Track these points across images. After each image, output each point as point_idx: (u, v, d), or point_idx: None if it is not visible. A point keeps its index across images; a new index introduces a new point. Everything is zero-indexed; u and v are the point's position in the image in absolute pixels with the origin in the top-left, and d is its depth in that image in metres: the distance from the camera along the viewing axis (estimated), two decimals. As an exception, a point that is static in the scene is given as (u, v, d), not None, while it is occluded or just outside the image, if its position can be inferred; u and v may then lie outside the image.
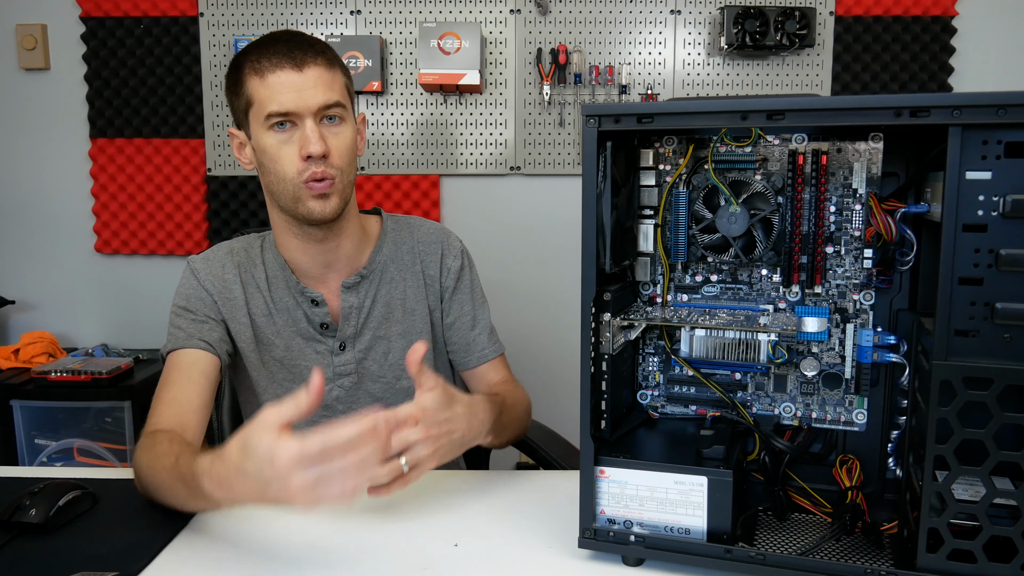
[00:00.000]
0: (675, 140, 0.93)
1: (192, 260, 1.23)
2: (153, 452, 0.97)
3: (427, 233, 1.29)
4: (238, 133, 1.17)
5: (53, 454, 2.18)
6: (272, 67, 1.08)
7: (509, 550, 0.90)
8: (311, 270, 1.21)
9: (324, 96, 1.09)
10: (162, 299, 2.47)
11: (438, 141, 2.41)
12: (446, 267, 1.28)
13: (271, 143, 1.10)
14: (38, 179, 2.48)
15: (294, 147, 1.09)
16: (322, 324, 1.21)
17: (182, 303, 1.19)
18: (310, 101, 1.08)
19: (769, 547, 0.85)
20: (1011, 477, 0.72)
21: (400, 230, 1.29)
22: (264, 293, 1.21)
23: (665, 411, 1.00)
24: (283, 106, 1.07)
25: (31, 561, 0.86)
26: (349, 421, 0.77)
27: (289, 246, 1.20)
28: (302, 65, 1.09)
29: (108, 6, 2.37)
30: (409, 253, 1.27)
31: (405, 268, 1.26)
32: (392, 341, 1.25)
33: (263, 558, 0.88)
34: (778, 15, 2.20)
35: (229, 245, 1.25)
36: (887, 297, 0.90)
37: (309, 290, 1.20)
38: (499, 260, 2.43)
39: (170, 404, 1.08)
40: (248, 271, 1.22)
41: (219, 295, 1.19)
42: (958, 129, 0.69)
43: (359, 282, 1.22)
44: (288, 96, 1.07)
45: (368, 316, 1.23)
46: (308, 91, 1.08)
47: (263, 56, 1.09)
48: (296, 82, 1.08)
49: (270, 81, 1.08)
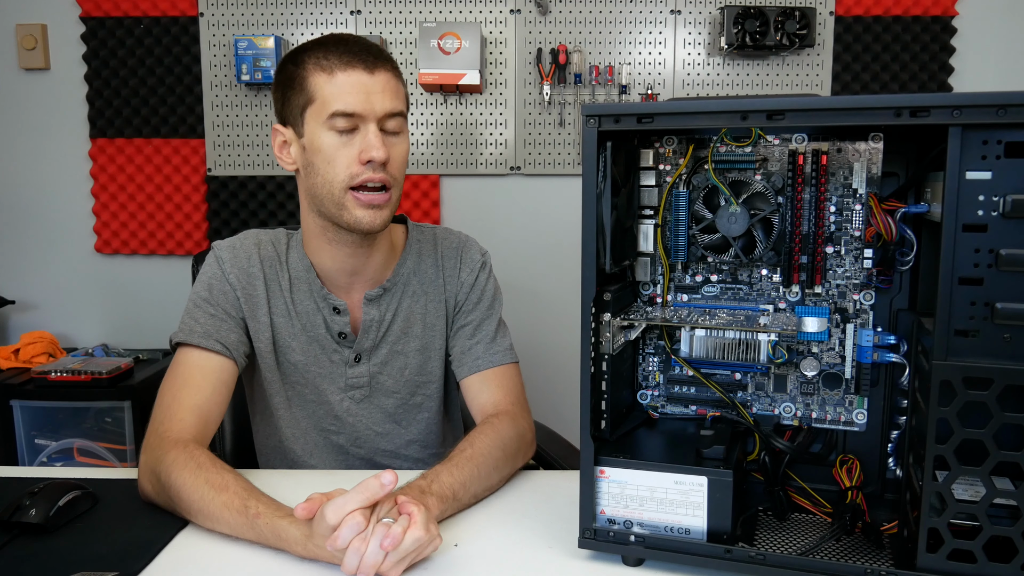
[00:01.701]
0: (675, 140, 0.93)
1: (218, 247, 1.19)
2: (199, 476, 0.94)
3: (449, 246, 1.27)
4: (283, 130, 1.13)
5: (53, 454, 2.18)
6: (343, 65, 1.06)
7: (509, 550, 0.90)
8: (337, 278, 1.19)
9: (391, 103, 1.08)
10: (162, 299, 2.48)
11: (438, 141, 2.41)
12: (461, 281, 1.25)
13: (329, 143, 1.07)
14: (38, 179, 2.48)
15: (352, 150, 1.07)
16: (340, 333, 1.19)
17: (204, 293, 1.15)
18: (377, 106, 1.07)
19: (769, 547, 0.85)
20: (1011, 477, 0.72)
21: (424, 241, 1.27)
22: (286, 294, 1.19)
23: (665, 411, 1.00)
24: (350, 106, 1.05)
25: (31, 561, 0.86)
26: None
27: (319, 252, 1.18)
28: (374, 68, 1.07)
29: (108, 6, 2.37)
30: (432, 267, 1.25)
31: (427, 282, 1.24)
32: (409, 357, 1.23)
33: (263, 558, 0.88)
34: (778, 15, 2.20)
35: (257, 236, 1.21)
36: (887, 297, 0.90)
37: (332, 297, 1.18)
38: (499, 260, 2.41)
39: (192, 411, 1.06)
40: (273, 268, 1.19)
41: (242, 290, 1.16)
42: (958, 129, 0.69)
43: (381, 295, 1.20)
44: (357, 97, 1.05)
45: (388, 330, 1.22)
46: (377, 95, 1.07)
47: (332, 53, 1.07)
48: (367, 84, 1.06)
49: (339, 79, 1.06)
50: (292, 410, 1.22)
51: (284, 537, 0.86)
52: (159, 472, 0.98)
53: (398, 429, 1.25)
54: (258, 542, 0.89)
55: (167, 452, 0.98)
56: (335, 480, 0.94)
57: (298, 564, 0.86)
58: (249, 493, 0.92)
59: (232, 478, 0.94)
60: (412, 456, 1.26)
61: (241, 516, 0.89)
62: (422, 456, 1.27)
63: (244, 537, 0.90)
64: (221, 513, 0.91)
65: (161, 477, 0.97)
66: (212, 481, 0.93)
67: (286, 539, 0.86)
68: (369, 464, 1.24)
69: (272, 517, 0.88)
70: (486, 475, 1.04)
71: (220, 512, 0.91)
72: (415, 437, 1.26)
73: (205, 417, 1.07)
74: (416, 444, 1.26)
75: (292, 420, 1.22)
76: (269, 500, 0.91)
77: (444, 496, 0.95)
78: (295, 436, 1.23)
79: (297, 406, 1.22)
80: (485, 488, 1.04)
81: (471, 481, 1.00)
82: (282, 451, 1.23)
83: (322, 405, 1.22)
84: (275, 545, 0.88)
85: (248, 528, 0.89)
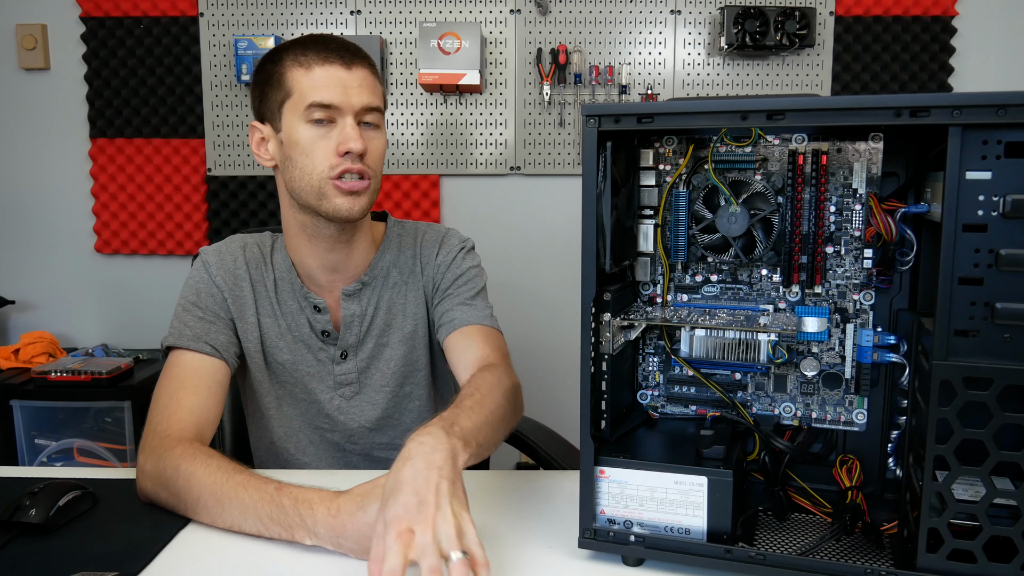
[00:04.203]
0: (675, 140, 0.93)
1: (205, 252, 1.20)
2: (210, 464, 0.94)
3: (429, 238, 1.28)
4: (261, 127, 1.15)
5: (53, 454, 2.18)
6: (320, 61, 1.08)
7: (509, 550, 0.90)
8: (318, 275, 1.20)
9: (368, 98, 1.10)
10: (162, 299, 2.48)
11: (438, 141, 2.41)
12: (438, 264, 1.25)
13: (306, 136, 1.08)
14: (38, 179, 2.48)
15: (330, 143, 1.08)
16: (323, 331, 1.20)
17: (192, 297, 1.17)
18: (354, 99, 1.08)
19: (769, 547, 0.85)
20: (1011, 477, 0.72)
21: (405, 235, 1.27)
22: (271, 294, 1.20)
23: (665, 411, 0.99)
24: (327, 98, 1.07)
25: (31, 561, 0.86)
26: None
27: (299, 249, 1.19)
28: (351, 64, 1.09)
29: (108, 6, 2.37)
30: (412, 258, 1.26)
31: (407, 272, 1.25)
32: (395, 348, 1.24)
33: (263, 558, 0.88)
34: (778, 15, 2.20)
35: (243, 239, 1.23)
36: (887, 297, 0.90)
37: (312, 296, 1.19)
38: (499, 260, 2.43)
39: (191, 411, 1.06)
40: (259, 269, 1.20)
41: (229, 292, 1.18)
42: (958, 129, 0.69)
43: (360, 289, 1.21)
44: (333, 90, 1.07)
45: (371, 324, 1.22)
46: (354, 89, 1.08)
47: (310, 50, 1.09)
48: (343, 78, 1.08)
49: (316, 73, 1.08)
50: (283, 409, 1.23)
51: (306, 514, 0.85)
52: (163, 467, 0.97)
53: (391, 421, 1.25)
54: (269, 523, 0.87)
55: (171, 448, 0.98)
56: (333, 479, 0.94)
57: (299, 562, 0.86)
58: (266, 476, 0.92)
59: (243, 466, 0.94)
60: None
61: (260, 492, 0.88)
62: None
63: (256, 518, 0.88)
64: (237, 492, 0.90)
65: (167, 471, 0.96)
66: (224, 467, 0.93)
67: (309, 516, 0.85)
68: (367, 459, 1.25)
69: (296, 490, 0.87)
70: (495, 425, 0.98)
71: (236, 491, 0.90)
72: (409, 427, 1.26)
73: (203, 418, 1.07)
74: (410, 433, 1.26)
75: (283, 419, 1.23)
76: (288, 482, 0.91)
77: (468, 442, 0.88)
78: (287, 435, 1.23)
79: (288, 405, 1.23)
80: (494, 441, 0.99)
81: (485, 427, 0.94)
82: (274, 451, 1.24)
83: (313, 404, 1.22)
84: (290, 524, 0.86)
85: (268, 502, 0.87)
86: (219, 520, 0.92)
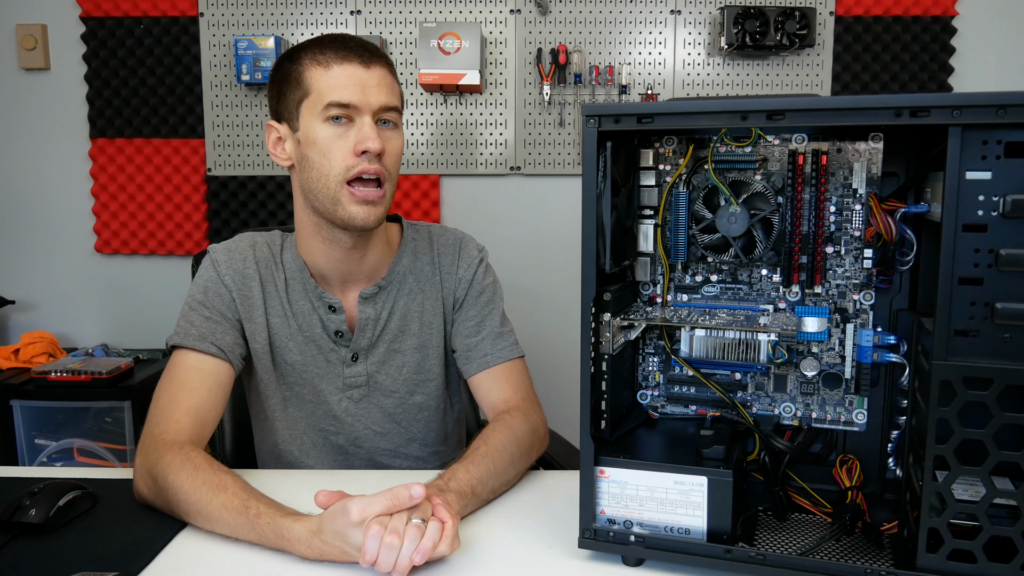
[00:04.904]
0: (675, 140, 0.93)
1: (214, 250, 1.19)
2: (196, 478, 0.94)
3: (445, 243, 1.27)
4: (278, 126, 1.14)
5: (53, 454, 2.18)
6: (339, 59, 1.08)
7: (509, 550, 0.90)
8: (331, 277, 1.19)
9: (386, 97, 1.09)
10: (162, 299, 2.48)
11: (438, 141, 2.41)
12: (459, 277, 1.25)
13: (324, 135, 1.08)
14: (38, 179, 2.48)
15: (347, 143, 1.08)
16: (337, 332, 1.19)
17: (199, 296, 1.16)
18: (372, 98, 1.08)
19: (769, 547, 0.85)
20: (1011, 477, 0.72)
21: (420, 239, 1.26)
22: (281, 294, 1.19)
23: (665, 411, 0.99)
24: (345, 97, 1.07)
25: (31, 561, 0.86)
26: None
27: (313, 250, 1.18)
28: (370, 63, 1.09)
29: (108, 6, 2.37)
30: (429, 264, 1.25)
31: (424, 280, 1.24)
32: (407, 355, 1.23)
33: (263, 559, 0.88)
34: (778, 15, 2.20)
35: (252, 238, 1.22)
36: (887, 297, 0.90)
37: (327, 295, 1.18)
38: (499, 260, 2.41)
39: (188, 413, 1.06)
40: (268, 268, 1.19)
41: (238, 292, 1.17)
42: (958, 129, 0.69)
43: (377, 293, 1.20)
44: (352, 89, 1.07)
45: (384, 328, 1.21)
46: (372, 88, 1.08)
47: (328, 49, 1.09)
48: (362, 77, 1.08)
49: (335, 72, 1.07)
50: (288, 411, 1.22)
51: (287, 536, 0.86)
52: (155, 475, 0.97)
53: (398, 428, 1.24)
54: (259, 543, 0.89)
55: (163, 455, 0.98)
56: (335, 480, 0.94)
57: (299, 564, 0.86)
58: (248, 494, 0.92)
59: (230, 479, 0.94)
60: (413, 455, 1.26)
61: (241, 516, 0.89)
62: (423, 455, 1.27)
63: (244, 538, 0.90)
64: (220, 514, 0.91)
65: (158, 480, 0.97)
66: (209, 482, 0.93)
67: (289, 538, 0.86)
68: (370, 464, 1.24)
69: (274, 516, 0.88)
70: (502, 470, 1.04)
71: (219, 513, 0.91)
72: (415, 436, 1.26)
73: (201, 419, 1.07)
74: (416, 443, 1.26)
75: (288, 421, 1.22)
76: (269, 500, 0.91)
77: (463, 492, 0.96)
78: (291, 437, 1.22)
79: (294, 407, 1.22)
80: (502, 483, 1.05)
81: (488, 477, 1.01)
82: (278, 453, 1.23)
83: (320, 405, 1.22)
84: (276, 545, 0.87)
85: (248, 529, 0.89)
86: (211, 530, 0.93)
